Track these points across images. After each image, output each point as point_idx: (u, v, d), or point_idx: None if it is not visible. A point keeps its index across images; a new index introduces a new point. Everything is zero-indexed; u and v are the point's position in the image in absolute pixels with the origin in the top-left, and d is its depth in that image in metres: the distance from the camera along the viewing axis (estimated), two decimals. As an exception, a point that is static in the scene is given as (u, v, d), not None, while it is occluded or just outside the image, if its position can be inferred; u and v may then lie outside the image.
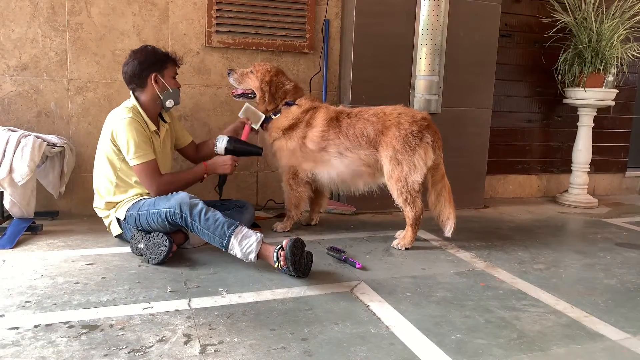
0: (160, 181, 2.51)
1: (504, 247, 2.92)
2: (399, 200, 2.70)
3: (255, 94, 2.90)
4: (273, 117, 2.88)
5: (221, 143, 2.75)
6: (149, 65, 2.57)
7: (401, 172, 2.64)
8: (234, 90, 2.95)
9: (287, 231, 2.93)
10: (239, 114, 2.87)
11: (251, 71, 2.90)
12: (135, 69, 2.56)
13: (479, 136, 3.86)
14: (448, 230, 2.80)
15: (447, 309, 2.01)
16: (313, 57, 3.59)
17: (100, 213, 2.66)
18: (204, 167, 2.67)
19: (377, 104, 3.59)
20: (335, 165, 2.80)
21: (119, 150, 2.50)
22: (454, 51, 3.64)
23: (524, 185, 4.50)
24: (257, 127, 2.86)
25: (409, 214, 2.71)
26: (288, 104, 2.89)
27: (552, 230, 3.37)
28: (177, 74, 2.68)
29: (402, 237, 2.76)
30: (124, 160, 2.53)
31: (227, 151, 2.74)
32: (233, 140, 2.77)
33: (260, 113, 2.86)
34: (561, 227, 3.47)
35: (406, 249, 2.73)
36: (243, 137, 2.83)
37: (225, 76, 3.40)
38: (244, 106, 2.85)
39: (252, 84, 2.89)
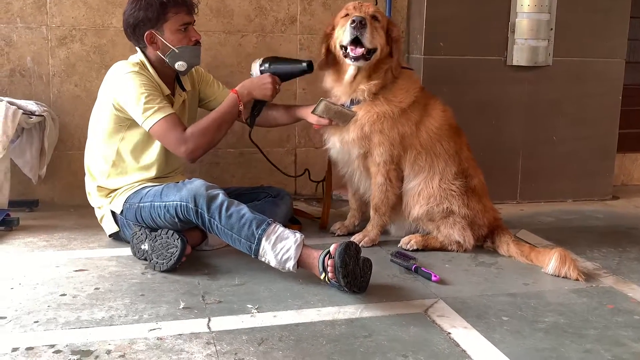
0: (189, 136, 2.52)
1: (641, 255, 2.87)
2: None
3: (371, 53, 2.67)
4: (366, 86, 2.70)
5: (256, 66, 2.82)
6: (141, 21, 2.56)
7: None
8: (352, 49, 2.63)
9: (377, 244, 2.86)
10: (314, 111, 2.72)
11: (375, 17, 2.68)
12: (126, 25, 2.60)
13: (606, 98, 3.79)
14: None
15: (560, 339, 1.99)
16: (372, -11, 3.56)
17: (92, 201, 2.76)
18: (234, 94, 2.66)
19: (460, 53, 3.53)
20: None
21: (125, 116, 2.57)
22: (571, -23, 3.56)
23: (671, 168, 4.39)
24: (343, 125, 2.76)
25: None
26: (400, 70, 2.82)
27: None
28: (190, 22, 2.63)
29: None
30: (130, 127, 2.60)
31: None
32: (270, 60, 2.81)
33: (350, 111, 2.72)
34: None
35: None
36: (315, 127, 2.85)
37: (252, 19, 3.42)
38: (321, 103, 2.70)
39: (379, 39, 2.69)
